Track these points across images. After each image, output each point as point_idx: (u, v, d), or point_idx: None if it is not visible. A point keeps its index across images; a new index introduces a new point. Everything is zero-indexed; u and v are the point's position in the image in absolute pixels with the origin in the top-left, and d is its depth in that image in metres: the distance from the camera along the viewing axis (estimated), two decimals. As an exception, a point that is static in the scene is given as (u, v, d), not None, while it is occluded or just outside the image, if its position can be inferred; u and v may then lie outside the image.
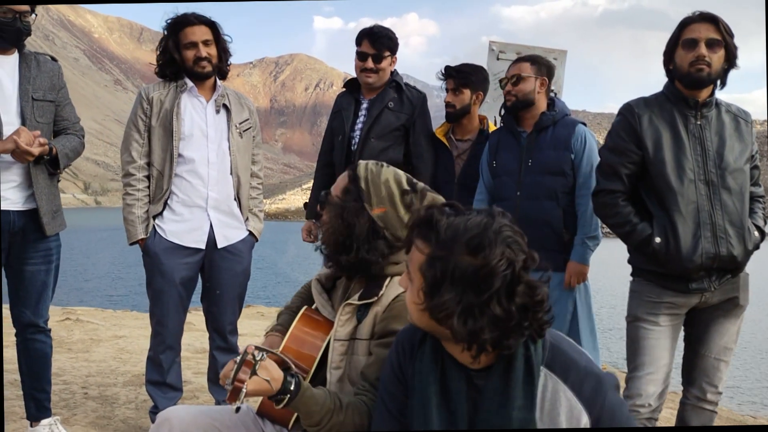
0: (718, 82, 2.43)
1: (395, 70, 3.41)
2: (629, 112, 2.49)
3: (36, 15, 2.71)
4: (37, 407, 2.95)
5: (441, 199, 1.79)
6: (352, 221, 1.71)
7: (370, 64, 3.28)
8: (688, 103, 2.43)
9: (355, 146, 3.33)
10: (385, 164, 1.82)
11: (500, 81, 3.18)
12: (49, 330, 2.95)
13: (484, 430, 1.31)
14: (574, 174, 2.99)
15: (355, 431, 1.57)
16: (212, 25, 2.98)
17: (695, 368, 2.55)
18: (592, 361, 1.38)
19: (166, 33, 2.97)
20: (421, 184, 1.81)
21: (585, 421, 1.29)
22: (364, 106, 3.38)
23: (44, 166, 2.75)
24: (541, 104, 3.07)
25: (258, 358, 1.41)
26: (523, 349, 1.31)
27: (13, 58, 2.71)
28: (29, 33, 2.69)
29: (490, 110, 4.37)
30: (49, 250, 2.82)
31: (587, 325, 3.03)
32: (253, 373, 1.40)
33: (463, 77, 3.28)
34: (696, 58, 2.36)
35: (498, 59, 4.49)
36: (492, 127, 3.45)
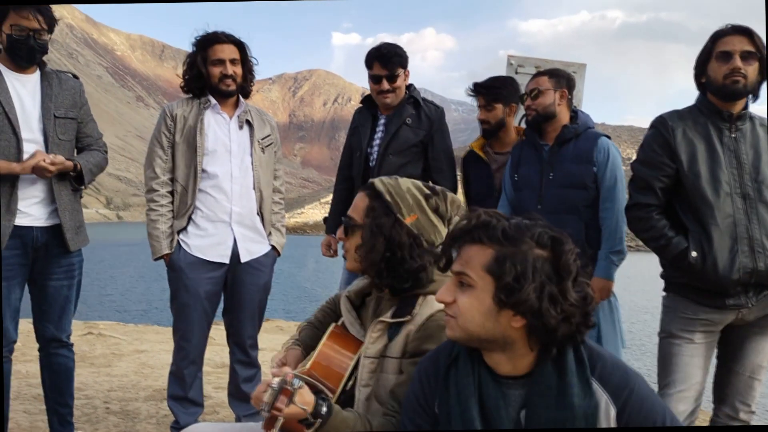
0: (750, 95, 2.40)
1: (412, 84, 3.39)
2: (663, 125, 2.45)
3: (51, 35, 2.73)
4: (60, 422, 2.96)
5: (458, 197, 1.82)
6: (392, 235, 1.69)
7: (385, 85, 3.25)
8: (722, 115, 2.40)
9: (373, 162, 3.32)
10: (396, 176, 1.82)
11: (520, 96, 3.16)
12: (72, 344, 2.97)
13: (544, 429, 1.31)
14: (596, 187, 2.94)
15: None
16: (241, 46, 3.02)
17: (728, 386, 2.49)
18: (617, 357, 1.40)
19: (195, 48, 3.00)
20: (438, 187, 1.81)
21: (612, 414, 1.30)
22: (382, 122, 3.37)
23: (68, 182, 2.79)
24: (563, 117, 3.04)
25: (296, 387, 1.40)
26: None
27: (35, 77, 2.75)
28: (45, 52, 2.72)
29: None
30: (72, 265, 2.84)
31: (613, 344, 2.95)
32: (290, 401, 1.39)
33: (493, 93, 3.26)
34: (731, 70, 2.33)
35: (516, 73, 4.47)
36: None
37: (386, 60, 3.24)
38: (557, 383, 1.30)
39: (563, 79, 3.05)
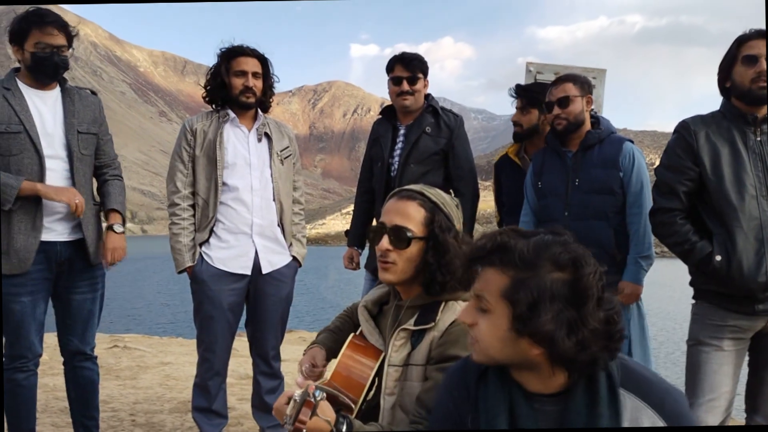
0: None
1: (430, 94, 3.43)
2: (685, 130, 2.43)
3: (73, 49, 2.79)
4: (87, 434, 2.98)
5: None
6: (457, 249, 1.71)
7: (405, 86, 3.31)
8: (747, 119, 2.36)
9: (395, 172, 3.34)
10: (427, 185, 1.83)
11: (545, 105, 3.06)
12: (96, 357, 2.99)
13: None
14: (623, 192, 2.90)
15: None
16: (264, 61, 3.07)
17: (760, 395, 2.43)
18: (661, 377, 1.35)
19: (219, 59, 3.05)
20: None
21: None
22: (402, 132, 3.39)
23: (91, 197, 2.84)
24: (587, 123, 3.01)
25: (318, 399, 1.40)
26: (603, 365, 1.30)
27: (55, 93, 2.79)
28: (67, 67, 2.77)
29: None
30: (95, 278, 2.88)
31: (640, 348, 2.91)
32: (314, 413, 1.39)
33: (531, 96, 3.26)
34: (757, 74, 2.29)
35: (536, 80, 4.45)
36: None
37: (407, 62, 3.31)
38: (588, 411, 1.27)
39: (586, 84, 3.02)
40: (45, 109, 2.74)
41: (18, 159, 2.63)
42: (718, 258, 2.29)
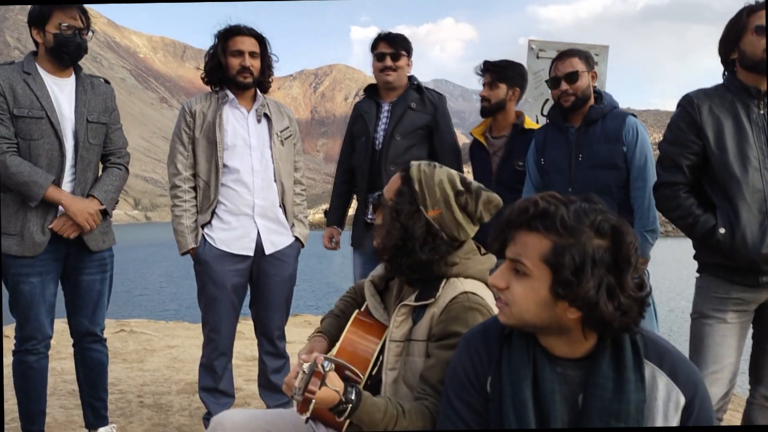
0: None
1: (413, 75, 3.49)
2: (688, 103, 2.41)
3: (93, 32, 2.80)
4: (95, 415, 3.02)
5: (496, 196, 1.75)
6: (408, 224, 1.68)
7: (388, 62, 3.36)
8: (751, 92, 2.34)
9: (379, 146, 3.38)
10: (437, 164, 1.77)
11: (549, 80, 3.00)
12: (105, 339, 3.02)
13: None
14: (627, 167, 2.89)
15: None
16: (261, 40, 3.05)
17: (763, 367, 2.44)
18: (675, 347, 1.38)
19: (216, 39, 3.04)
20: (475, 184, 1.76)
21: (681, 402, 1.30)
22: (386, 108, 3.44)
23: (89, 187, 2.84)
24: (591, 98, 2.99)
25: (327, 369, 1.41)
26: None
27: (71, 81, 2.79)
28: (86, 50, 2.78)
29: (532, 110, 4.31)
30: (104, 259, 2.90)
31: (649, 322, 2.91)
32: (323, 383, 1.40)
33: (499, 72, 3.25)
34: None
35: (538, 58, 4.43)
36: (533, 125, 3.37)
37: (391, 39, 3.39)
38: (615, 376, 1.30)
39: (590, 58, 2.99)
40: (62, 96, 2.74)
41: (38, 144, 2.64)
42: (722, 231, 2.29)
